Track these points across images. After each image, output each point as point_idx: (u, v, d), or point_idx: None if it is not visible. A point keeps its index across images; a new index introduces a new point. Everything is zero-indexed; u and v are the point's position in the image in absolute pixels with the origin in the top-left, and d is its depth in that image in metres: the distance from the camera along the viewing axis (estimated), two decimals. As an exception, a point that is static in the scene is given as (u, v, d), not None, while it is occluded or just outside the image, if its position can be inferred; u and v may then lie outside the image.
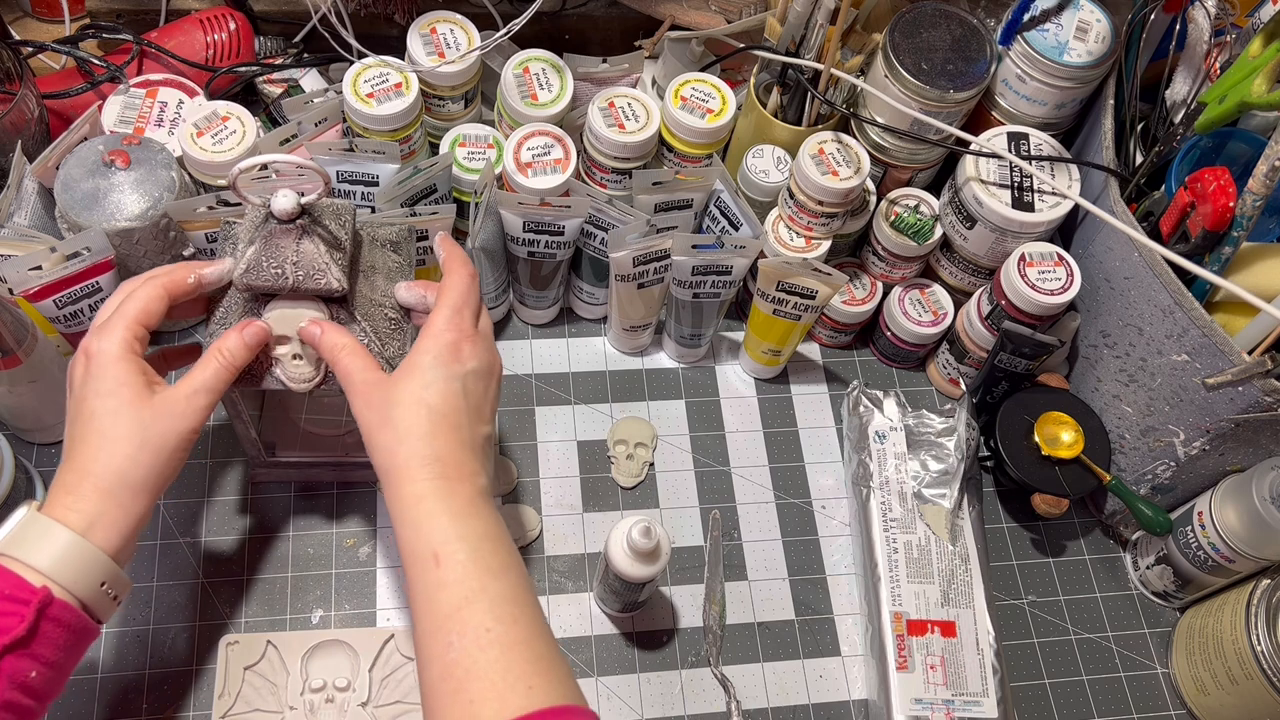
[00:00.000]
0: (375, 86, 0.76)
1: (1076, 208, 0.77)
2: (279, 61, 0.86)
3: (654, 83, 0.90)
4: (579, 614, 0.76)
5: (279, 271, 0.57)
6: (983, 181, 0.77)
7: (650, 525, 0.66)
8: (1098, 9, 0.78)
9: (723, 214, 0.79)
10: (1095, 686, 0.78)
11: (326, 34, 0.78)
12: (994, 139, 0.78)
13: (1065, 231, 0.84)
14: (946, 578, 0.75)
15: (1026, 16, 0.76)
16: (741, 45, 0.83)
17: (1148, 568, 0.81)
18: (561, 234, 0.77)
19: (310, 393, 0.62)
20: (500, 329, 0.87)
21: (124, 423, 0.55)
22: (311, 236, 0.57)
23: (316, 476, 0.77)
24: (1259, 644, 0.70)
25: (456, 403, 0.56)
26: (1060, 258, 0.77)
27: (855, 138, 0.79)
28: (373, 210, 0.73)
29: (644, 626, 0.76)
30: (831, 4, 0.71)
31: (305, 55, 0.87)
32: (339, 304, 0.61)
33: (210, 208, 0.71)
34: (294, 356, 0.61)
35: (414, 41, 0.77)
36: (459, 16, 0.79)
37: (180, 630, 0.72)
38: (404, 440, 0.55)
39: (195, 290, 0.60)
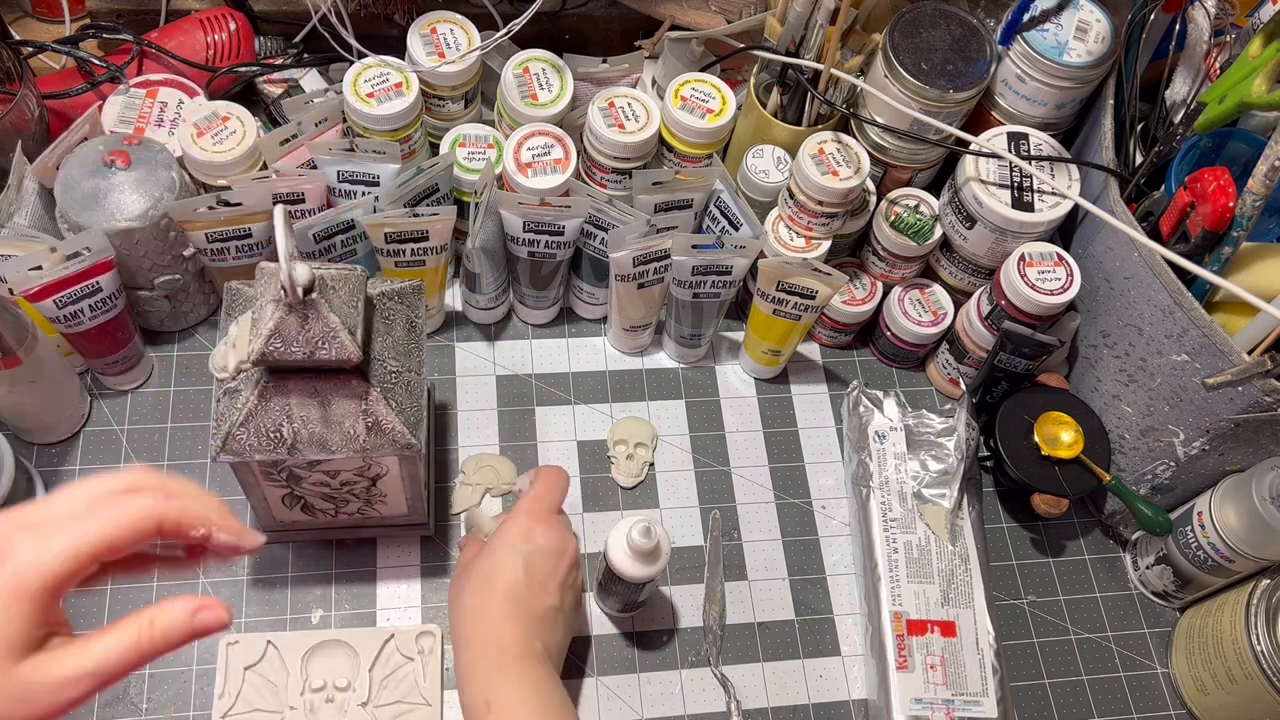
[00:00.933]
0: (375, 86, 0.76)
1: (1076, 208, 0.77)
2: (279, 61, 0.86)
3: (654, 83, 0.90)
4: (579, 614, 0.76)
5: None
6: (983, 181, 0.77)
7: (650, 525, 0.66)
8: (1098, 9, 0.78)
9: (723, 214, 0.79)
10: (1095, 686, 0.78)
11: (326, 34, 0.78)
12: (994, 139, 0.78)
13: (1065, 231, 0.84)
14: (946, 578, 0.75)
15: (1026, 16, 0.76)
16: (741, 45, 0.83)
17: (1147, 568, 0.81)
18: (561, 234, 0.77)
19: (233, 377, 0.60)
20: (500, 329, 0.87)
21: None
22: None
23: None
24: (1259, 644, 0.70)
25: (515, 574, 0.63)
26: (1060, 258, 0.77)
27: (855, 138, 0.79)
28: (375, 210, 0.73)
29: (644, 626, 0.76)
30: (831, 4, 0.71)
31: (305, 55, 0.87)
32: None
33: (210, 208, 0.71)
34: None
35: (414, 41, 0.77)
36: (459, 16, 0.79)
37: (180, 630, 0.72)
38: (466, 616, 0.63)
39: (202, 542, 0.44)
